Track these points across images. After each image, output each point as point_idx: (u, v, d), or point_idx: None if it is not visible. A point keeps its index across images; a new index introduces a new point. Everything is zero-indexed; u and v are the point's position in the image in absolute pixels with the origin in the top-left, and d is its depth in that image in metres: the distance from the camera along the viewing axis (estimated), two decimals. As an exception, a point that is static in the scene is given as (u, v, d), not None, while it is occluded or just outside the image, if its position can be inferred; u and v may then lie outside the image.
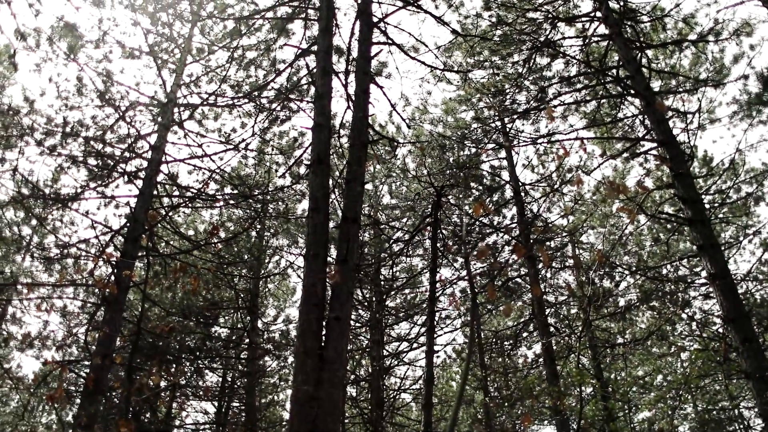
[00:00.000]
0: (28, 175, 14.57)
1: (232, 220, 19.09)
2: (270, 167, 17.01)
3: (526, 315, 18.71)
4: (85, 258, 15.10)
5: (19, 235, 18.81)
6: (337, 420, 6.69)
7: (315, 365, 6.65)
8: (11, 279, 17.33)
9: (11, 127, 15.25)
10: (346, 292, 7.26)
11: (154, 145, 15.01)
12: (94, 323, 13.72)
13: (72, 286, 15.49)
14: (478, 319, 16.78)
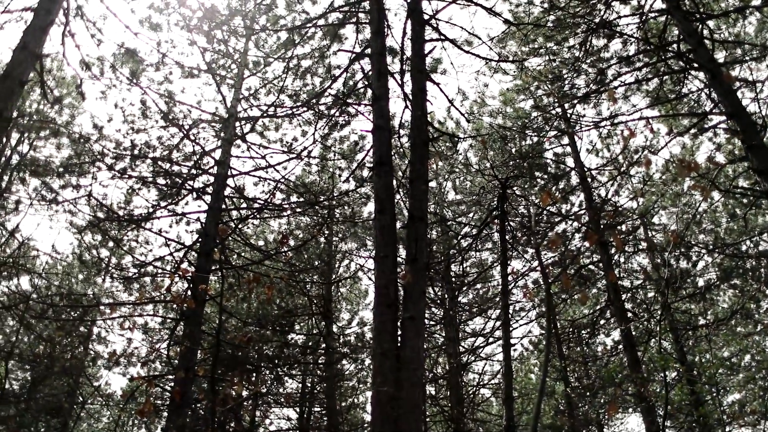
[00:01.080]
0: (102, 199, 15.07)
1: (300, 227, 19.33)
2: (333, 173, 17.16)
3: (602, 302, 18.35)
4: (162, 275, 15.52)
5: (98, 257, 19.47)
6: (418, 419, 6.70)
7: (393, 366, 6.68)
8: (94, 300, 17.93)
9: (83, 154, 15.82)
10: (418, 291, 7.27)
11: (219, 160, 15.33)
12: (175, 338, 14.10)
13: (151, 303, 15.95)
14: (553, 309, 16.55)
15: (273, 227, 21.50)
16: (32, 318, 16.25)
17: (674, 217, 18.56)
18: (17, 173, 17.43)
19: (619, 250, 16.55)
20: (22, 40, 9.85)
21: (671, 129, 14.89)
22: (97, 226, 15.92)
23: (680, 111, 14.80)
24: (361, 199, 17.52)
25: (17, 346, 18.44)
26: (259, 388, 17.55)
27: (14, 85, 9.34)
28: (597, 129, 16.30)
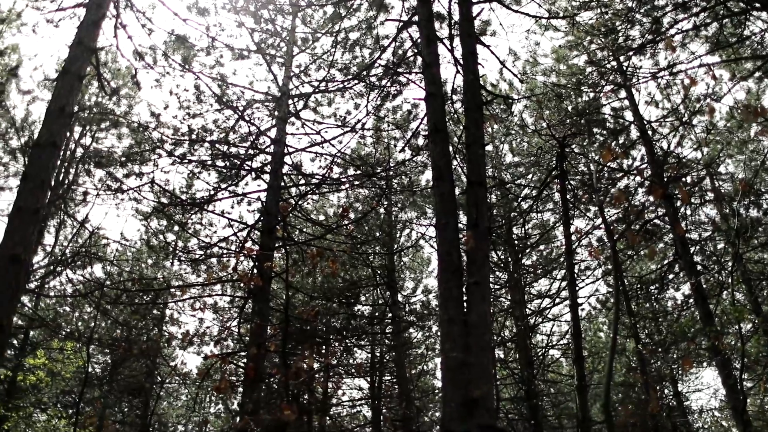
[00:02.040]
0: (164, 185, 15.42)
1: (359, 200, 19.44)
2: (388, 143, 17.17)
3: (670, 256, 17.98)
4: (227, 255, 15.85)
5: (165, 241, 19.98)
6: (489, 383, 6.73)
7: (461, 331, 6.70)
8: (164, 284, 18.44)
9: (143, 142, 16.18)
10: (481, 256, 7.25)
11: (275, 138, 15.49)
12: (244, 315, 14.42)
13: (219, 283, 16.32)
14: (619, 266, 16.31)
15: (332, 201, 21.68)
16: (108, 304, 16.82)
17: (741, 165, 17.99)
18: (82, 165, 17.95)
19: (685, 202, 16.15)
20: (76, 36, 10.09)
21: (734, 74, 14.36)
22: (161, 211, 16.33)
23: (743, 55, 14.26)
24: (418, 167, 17.49)
25: (96, 331, 19.11)
26: (330, 360, 17.85)
27: (73, 81, 9.59)
28: (655, 80, 15.83)
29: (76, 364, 16.34)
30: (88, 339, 15.29)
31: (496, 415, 6.99)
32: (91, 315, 20.81)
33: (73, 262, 17.00)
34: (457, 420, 6.28)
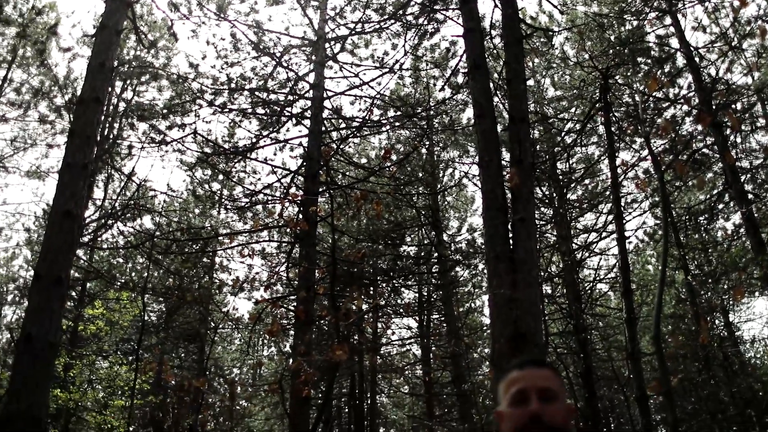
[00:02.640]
0: (207, 135, 15.56)
1: (400, 141, 19.37)
2: (428, 83, 16.99)
3: (719, 186, 17.61)
4: (272, 202, 16.03)
5: (210, 191, 20.26)
6: (537, 318, 6.76)
7: (507, 268, 6.71)
8: (212, 232, 18.76)
9: (184, 93, 16.29)
10: (526, 192, 7.20)
11: (314, 83, 15.45)
12: (292, 260, 14.65)
13: (266, 229, 16.53)
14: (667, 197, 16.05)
15: (374, 144, 21.66)
16: (159, 254, 17.20)
17: (794, 88, 17.34)
18: (126, 119, 18.17)
19: (735, 129, 15.71)
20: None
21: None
22: (205, 161, 16.51)
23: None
24: (459, 105, 17.30)
25: (149, 281, 19.63)
26: (378, 301, 18.10)
27: (111, 35, 9.64)
28: (702, 4, 15.27)
29: (132, 313, 16.86)
30: (143, 288, 15.72)
31: (545, 349, 7.04)
32: (143, 265, 21.35)
33: (123, 215, 17.37)
34: (507, 356, 6.34)
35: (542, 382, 2.03)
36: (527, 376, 2.04)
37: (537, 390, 2.00)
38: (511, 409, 2.01)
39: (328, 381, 9.56)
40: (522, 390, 2.01)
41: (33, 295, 7.42)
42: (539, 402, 1.98)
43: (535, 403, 1.98)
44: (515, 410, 2.00)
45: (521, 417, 1.97)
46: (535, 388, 2.01)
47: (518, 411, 1.99)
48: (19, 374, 7.00)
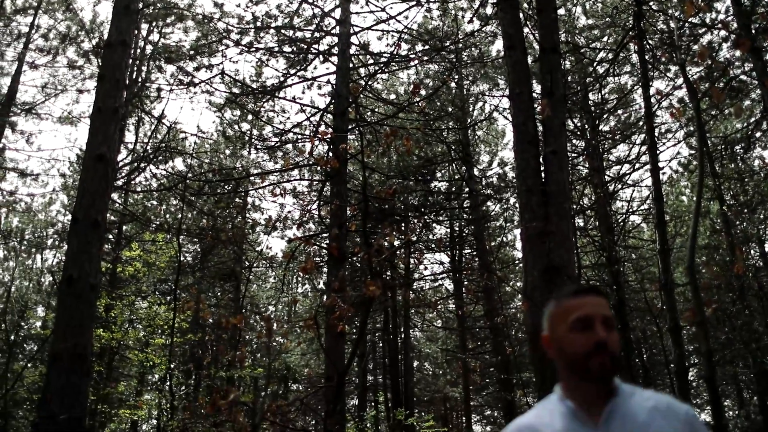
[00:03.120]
0: (234, 75, 15.52)
1: (429, 76, 19.13)
2: (456, 15, 16.64)
3: (757, 113, 17.19)
4: (302, 140, 16.03)
5: (240, 131, 20.30)
6: (570, 251, 6.75)
7: (539, 201, 6.69)
8: (244, 173, 18.88)
9: (209, 34, 16.18)
10: (557, 124, 7.11)
11: (340, 19, 15.24)
12: (323, 198, 14.73)
13: (296, 168, 16.60)
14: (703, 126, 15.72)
15: (402, 79, 21.41)
16: (192, 195, 17.38)
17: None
18: (153, 62, 18.14)
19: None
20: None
21: None
22: (234, 101, 16.50)
23: None
24: (488, 38, 16.96)
25: (184, 222, 19.90)
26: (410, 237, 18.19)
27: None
28: None
29: (168, 254, 17.16)
30: (177, 230, 15.94)
31: (577, 282, 7.05)
32: (177, 207, 21.63)
33: (155, 158, 17.51)
34: (539, 288, 6.37)
35: (604, 310, 2.04)
36: (590, 303, 2.05)
37: (601, 317, 2.02)
38: (574, 335, 2.01)
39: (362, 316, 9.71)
40: (586, 317, 2.02)
41: (72, 238, 7.58)
42: (604, 329, 2.01)
43: (601, 330, 1.99)
44: (579, 336, 2.00)
45: (586, 343, 1.98)
46: (599, 316, 2.02)
47: (582, 337, 2.00)
48: (63, 315, 7.21)
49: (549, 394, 2.15)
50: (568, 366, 2.04)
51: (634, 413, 1.97)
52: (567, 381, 2.07)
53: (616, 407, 1.98)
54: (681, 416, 1.97)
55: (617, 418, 1.96)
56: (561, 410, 2.05)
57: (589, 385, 2.00)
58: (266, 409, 7.01)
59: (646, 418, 1.95)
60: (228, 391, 6.21)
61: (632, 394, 2.03)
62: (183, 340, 17.22)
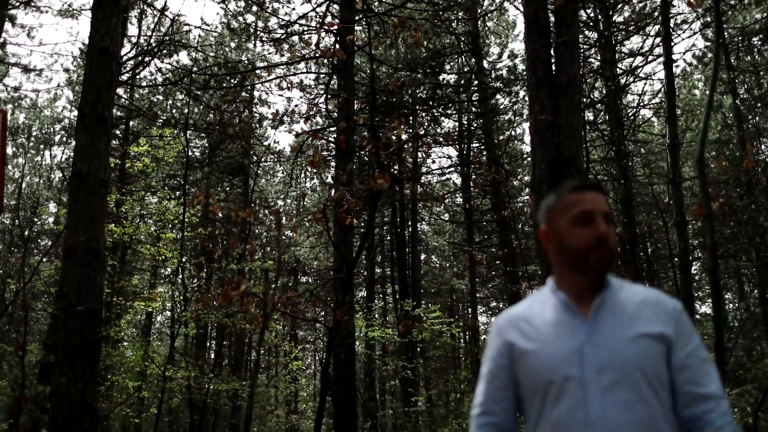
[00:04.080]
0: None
1: (438, -36, 18.48)
2: None
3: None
4: (308, 32, 15.69)
5: (245, 23, 19.86)
6: (579, 144, 6.72)
7: (549, 93, 6.60)
8: (249, 66, 18.60)
9: None
10: (570, 14, 6.92)
11: None
12: (330, 91, 14.56)
13: (303, 60, 16.32)
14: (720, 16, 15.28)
15: (411, -33, 20.71)
16: (198, 89, 17.20)
17: None
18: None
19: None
20: None
21: None
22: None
23: None
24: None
25: (191, 116, 19.80)
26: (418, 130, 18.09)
27: None
28: None
29: (176, 149, 17.16)
30: (184, 125, 15.89)
31: (586, 175, 7.05)
32: (183, 102, 21.46)
33: (160, 51, 17.24)
34: (547, 181, 6.37)
35: (605, 206, 2.07)
36: (591, 199, 2.07)
37: (602, 212, 2.05)
38: (576, 229, 2.05)
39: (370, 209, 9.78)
40: (588, 211, 2.04)
41: (79, 134, 7.57)
42: (605, 224, 2.04)
43: (602, 225, 2.02)
44: (581, 230, 2.04)
45: (588, 237, 2.02)
46: (600, 211, 2.05)
47: (584, 231, 2.03)
48: (75, 210, 7.29)
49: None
50: (566, 259, 2.08)
51: (623, 306, 2.01)
52: (561, 274, 2.11)
53: (606, 300, 2.03)
54: (669, 310, 2.02)
55: (606, 309, 2.01)
56: (553, 302, 2.10)
57: (584, 277, 2.05)
58: (277, 300, 7.18)
59: (634, 311, 2.00)
60: (239, 282, 6.34)
61: (621, 287, 2.08)
62: (193, 234, 17.47)
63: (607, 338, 1.95)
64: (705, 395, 1.94)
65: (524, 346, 2.06)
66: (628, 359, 1.92)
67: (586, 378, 1.93)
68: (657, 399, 1.92)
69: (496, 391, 2.14)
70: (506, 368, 2.12)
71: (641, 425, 1.87)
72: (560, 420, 1.94)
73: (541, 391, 1.99)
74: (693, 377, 1.96)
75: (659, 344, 1.95)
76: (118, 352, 14.20)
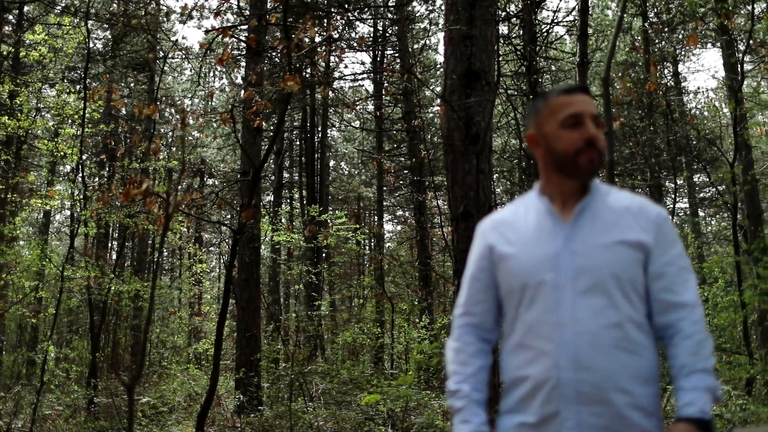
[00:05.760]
0: None
1: None
2: None
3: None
4: None
5: None
6: (491, 56, 6.74)
7: (465, 4, 6.53)
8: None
9: None
10: None
11: None
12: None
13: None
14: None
15: None
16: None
17: None
18: None
19: None
20: None
21: None
22: None
23: None
24: None
25: (92, 5, 18.64)
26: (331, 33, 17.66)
27: None
28: None
29: (76, 40, 16.21)
30: (86, 13, 14.97)
31: (496, 88, 7.11)
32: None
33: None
34: (457, 92, 6.40)
35: (593, 109, 2.06)
36: (580, 101, 2.06)
37: (590, 115, 2.04)
38: (564, 131, 2.04)
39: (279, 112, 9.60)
40: (577, 114, 2.04)
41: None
42: (594, 126, 2.04)
43: (591, 128, 2.02)
44: (570, 133, 2.03)
45: (577, 140, 2.02)
46: (589, 114, 2.04)
47: (573, 134, 2.02)
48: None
49: (459, 196, 2.22)
50: (554, 163, 2.08)
51: (605, 212, 2.04)
52: (548, 178, 2.12)
53: (588, 205, 2.05)
54: (651, 217, 2.03)
55: (587, 215, 2.03)
56: (537, 206, 2.11)
57: (571, 182, 2.06)
58: (180, 200, 7.04)
59: (615, 217, 2.02)
60: (142, 181, 6.17)
61: (608, 193, 2.09)
62: (95, 131, 16.79)
63: (584, 244, 1.98)
64: (679, 303, 1.97)
65: (504, 250, 2.08)
66: (603, 266, 1.95)
67: (561, 283, 1.96)
68: (630, 306, 1.95)
69: (477, 293, 2.17)
70: (487, 271, 2.15)
71: (612, 330, 1.91)
72: (533, 322, 1.98)
73: (517, 293, 2.03)
74: (669, 285, 1.99)
75: (636, 251, 1.98)
76: (13, 251, 13.74)
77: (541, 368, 1.94)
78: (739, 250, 10.07)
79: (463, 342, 2.16)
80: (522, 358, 2.01)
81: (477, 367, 2.13)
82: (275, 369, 12.83)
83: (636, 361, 1.93)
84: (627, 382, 1.90)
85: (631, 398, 1.90)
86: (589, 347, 1.90)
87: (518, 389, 2.01)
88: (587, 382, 1.89)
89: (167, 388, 12.64)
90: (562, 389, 1.90)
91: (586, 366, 1.89)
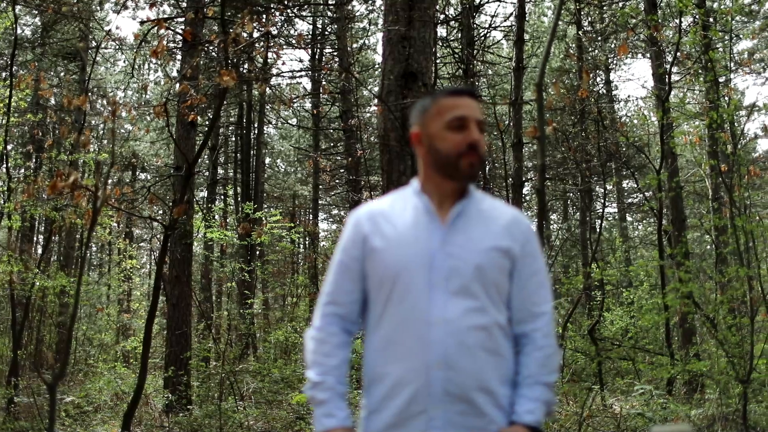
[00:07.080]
0: None
1: None
2: None
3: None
4: None
5: None
6: (429, 58, 6.79)
7: (404, 5, 6.57)
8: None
9: None
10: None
11: None
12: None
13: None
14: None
15: None
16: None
17: None
18: None
19: None
20: None
21: None
22: None
23: None
24: None
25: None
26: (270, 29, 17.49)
27: None
28: None
29: (2, 26, 15.65)
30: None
31: (432, 89, 7.16)
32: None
33: None
34: (394, 93, 6.43)
35: (479, 114, 2.09)
36: (467, 105, 2.08)
37: (475, 120, 2.07)
38: (449, 133, 2.05)
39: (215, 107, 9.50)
40: (463, 117, 2.06)
41: None
42: (477, 131, 2.06)
43: (475, 132, 2.05)
44: (454, 135, 2.05)
45: (461, 143, 2.04)
46: (474, 118, 2.07)
47: (457, 137, 2.05)
48: None
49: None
50: (436, 163, 2.09)
51: (480, 217, 2.08)
52: (428, 177, 2.13)
53: (465, 209, 2.08)
54: (522, 228, 2.10)
55: (463, 218, 2.06)
56: (415, 203, 2.12)
57: (450, 183, 2.08)
58: (110, 194, 6.87)
59: (489, 224, 2.07)
60: (69, 173, 5.99)
61: (483, 200, 2.14)
62: (21, 120, 16.22)
63: (459, 246, 2.01)
64: (537, 314, 2.05)
65: (378, 243, 2.08)
66: (476, 269, 1.99)
67: (434, 282, 1.98)
68: (496, 310, 2.01)
69: (345, 283, 2.15)
70: (358, 261, 2.13)
71: (479, 332, 1.95)
72: (402, 319, 1.99)
73: (387, 288, 2.03)
74: (530, 296, 2.07)
75: (505, 259, 2.03)
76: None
77: (408, 366, 1.97)
78: (663, 254, 10.39)
79: (327, 332, 2.12)
80: (388, 354, 2.02)
81: (341, 360, 2.10)
82: (206, 368, 12.63)
83: (500, 363, 1.99)
84: (491, 383, 1.96)
85: (494, 398, 1.97)
86: (457, 347, 1.94)
87: (381, 385, 2.02)
88: (455, 382, 1.93)
89: (93, 387, 12.28)
90: (430, 388, 1.93)
91: (454, 366, 1.93)
